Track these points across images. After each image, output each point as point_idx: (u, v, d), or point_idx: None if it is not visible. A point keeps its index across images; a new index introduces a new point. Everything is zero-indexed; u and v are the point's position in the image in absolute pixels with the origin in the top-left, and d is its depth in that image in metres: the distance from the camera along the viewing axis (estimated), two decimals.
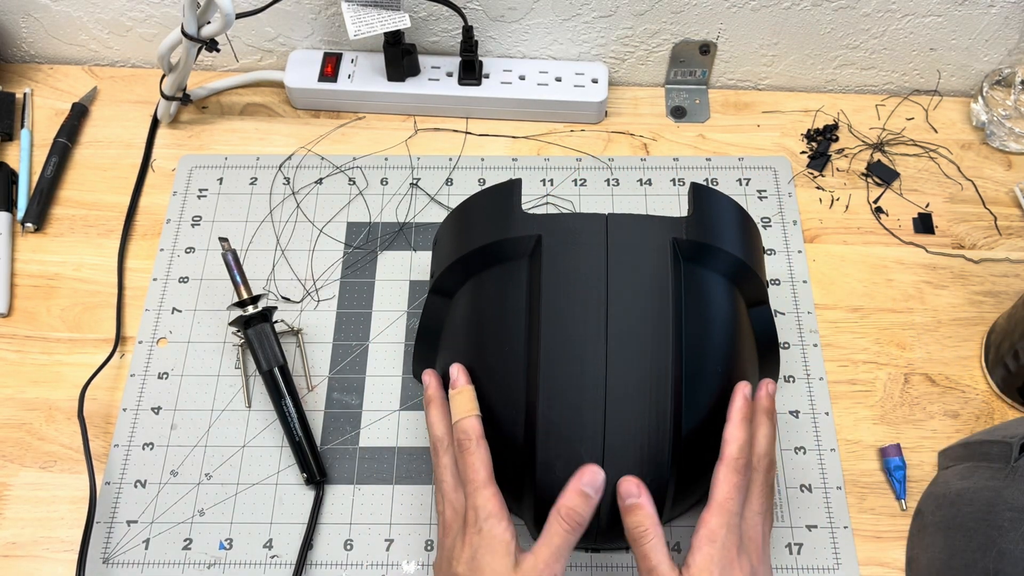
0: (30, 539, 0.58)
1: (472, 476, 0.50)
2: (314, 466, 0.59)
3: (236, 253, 0.61)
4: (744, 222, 0.58)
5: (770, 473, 0.51)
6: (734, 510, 0.48)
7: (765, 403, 0.53)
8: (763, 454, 0.51)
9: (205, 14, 0.66)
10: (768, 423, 0.52)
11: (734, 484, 0.49)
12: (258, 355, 0.60)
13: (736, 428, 0.51)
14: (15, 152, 0.75)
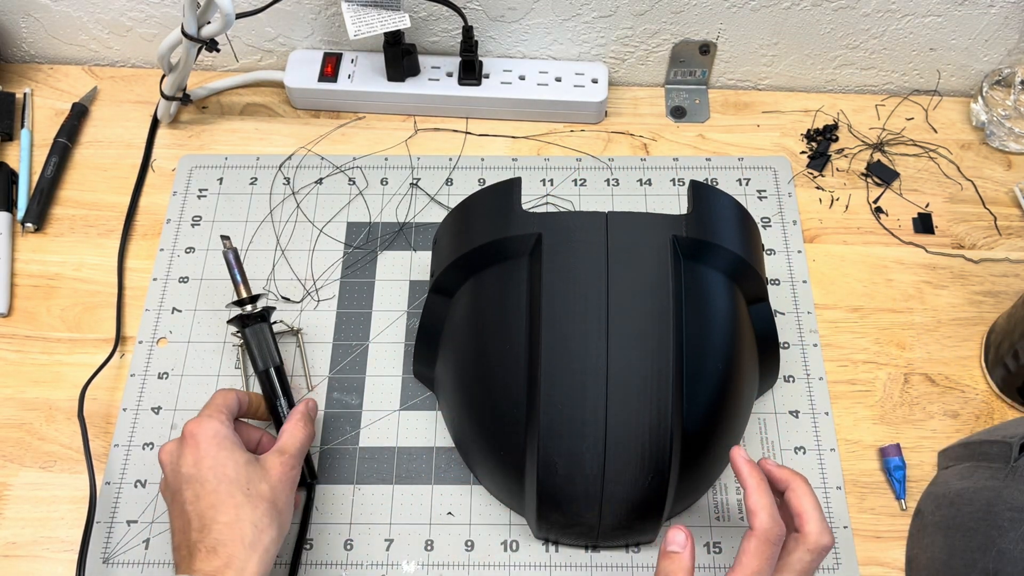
0: (30, 539, 0.58)
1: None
2: (304, 469, 0.59)
3: (237, 252, 0.61)
4: (743, 219, 0.58)
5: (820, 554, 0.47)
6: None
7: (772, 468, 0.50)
8: (818, 533, 0.47)
9: (205, 14, 0.66)
10: (804, 485, 0.49)
11: (766, 558, 0.46)
12: (254, 355, 0.60)
13: (757, 495, 0.47)
14: (15, 152, 0.75)
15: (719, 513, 0.59)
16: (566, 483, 0.52)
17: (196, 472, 0.50)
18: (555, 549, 0.58)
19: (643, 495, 0.52)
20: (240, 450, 0.51)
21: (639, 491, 0.52)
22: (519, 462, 0.54)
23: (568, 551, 0.58)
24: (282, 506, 0.51)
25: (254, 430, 0.57)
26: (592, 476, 0.51)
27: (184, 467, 0.50)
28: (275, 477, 0.51)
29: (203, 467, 0.50)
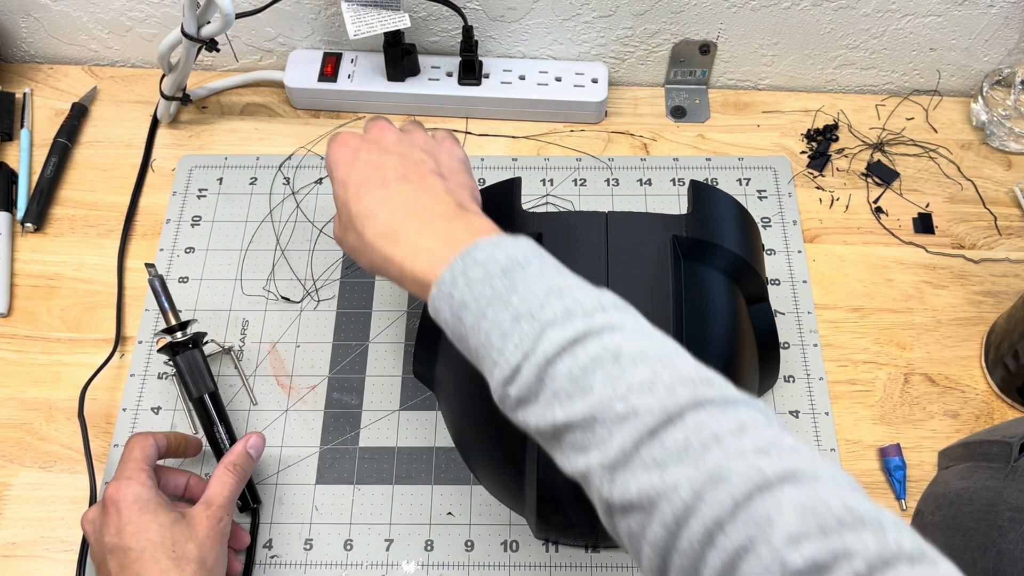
0: (30, 539, 0.58)
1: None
2: (248, 493, 0.58)
3: (163, 279, 0.60)
4: (743, 219, 0.58)
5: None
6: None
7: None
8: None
9: (205, 14, 0.66)
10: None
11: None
12: (187, 382, 0.59)
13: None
14: (15, 152, 0.75)
15: None
16: (566, 483, 0.52)
17: (119, 541, 0.49)
18: (555, 549, 0.58)
19: None
20: (164, 510, 0.50)
21: None
22: (519, 462, 0.54)
23: (568, 551, 0.58)
24: (212, 563, 0.50)
25: (179, 474, 0.57)
26: None
27: (107, 536, 0.50)
28: (202, 534, 0.51)
29: (125, 535, 0.49)
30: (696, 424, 0.36)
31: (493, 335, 0.40)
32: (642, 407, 0.37)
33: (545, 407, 0.39)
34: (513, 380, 0.40)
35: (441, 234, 0.44)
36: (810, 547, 0.32)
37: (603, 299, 0.40)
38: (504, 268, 0.41)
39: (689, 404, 0.36)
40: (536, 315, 0.40)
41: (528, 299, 0.40)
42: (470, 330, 0.42)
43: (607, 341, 0.39)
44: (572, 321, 0.39)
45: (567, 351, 0.38)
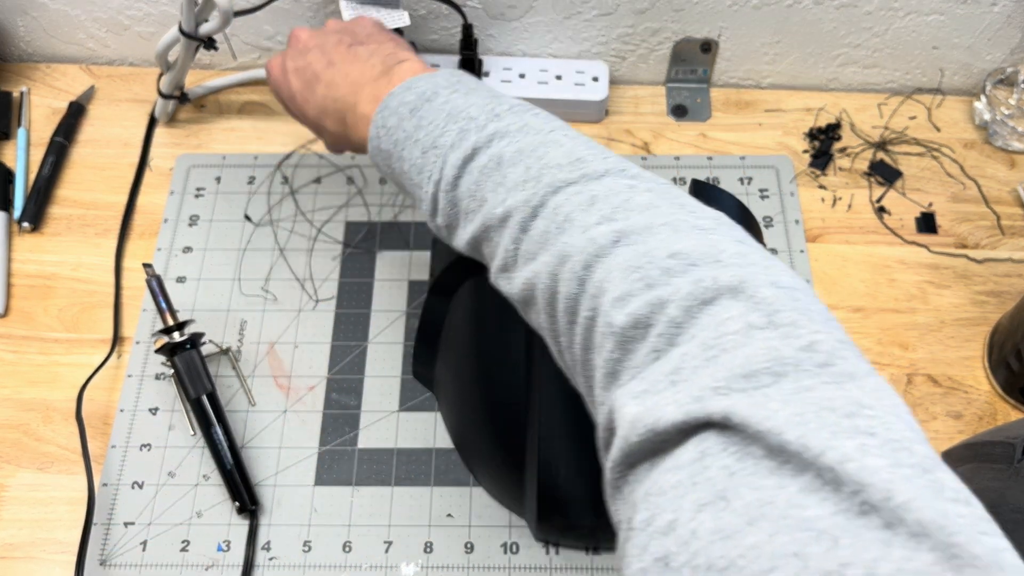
0: (27, 540, 0.58)
1: None
2: (246, 495, 0.58)
3: (160, 279, 0.60)
4: (745, 218, 0.57)
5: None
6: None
7: None
8: None
9: (203, 12, 0.65)
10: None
11: None
12: (185, 383, 0.59)
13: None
14: (12, 151, 0.75)
15: None
16: (566, 485, 0.51)
17: None
18: (555, 551, 0.57)
19: None
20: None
21: None
22: (519, 463, 0.54)
23: (568, 553, 0.57)
24: None
25: None
26: (592, 477, 0.51)
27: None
28: None
29: None
30: (554, 209, 0.37)
31: (411, 174, 0.43)
32: (514, 205, 0.38)
33: (463, 229, 0.41)
34: (436, 212, 0.42)
35: (370, 97, 0.46)
36: (634, 304, 0.32)
37: (499, 107, 0.42)
38: (412, 108, 0.43)
39: (548, 191, 0.38)
40: (437, 143, 0.42)
41: (431, 131, 0.42)
42: (399, 175, 0.44)
43: (493, 150, 0.40)
44: (466, 139, 0.41)
45: (464, 170, 0.41)
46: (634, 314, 0.32)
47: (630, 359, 0.32)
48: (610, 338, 0.33)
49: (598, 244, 0.35)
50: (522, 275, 0.38)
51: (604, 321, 0.33)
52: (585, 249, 0.35)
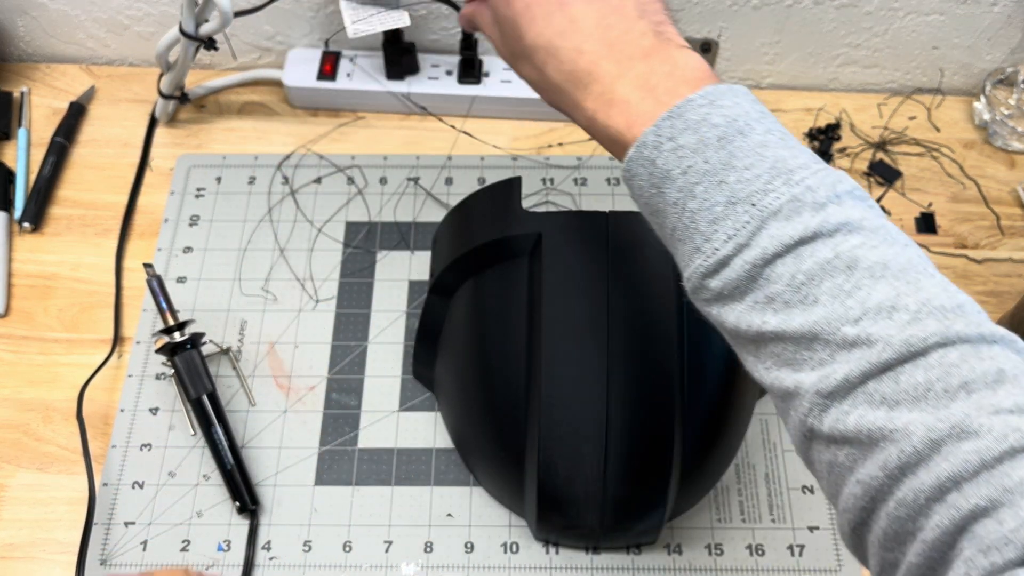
0: (27, 540, 0.58)
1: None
2: (246, 495, 0.58)
3: (161, 279, 0.60)
4: None
5: None
6: None
7: None
8: None
9: (203, 12, 0.65)
10: None
11: None
12: (185, 383, 0.59)
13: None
14: (12, 151, 0.75)
15: (720, 515, 0.59)
16: (566, 484, 0.51)
17: None
18: (555, 551, 0.57)
19: (644, 496, 0.52)
20: None
21: (640, 492, 0.52)
22: (519, 463, 0.54)
23: (568, 553, 0.57)
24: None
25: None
26: (593, 477, 0.51)
27: None
28: None
29: None
30: (942, 365, 0.31)
31: (700, 218, 0.35)
32: (878, 335, 0.31)
33: (752, 309, 0.34)
34: (717, 273, 0.35)
35: (640, 79, 0.37)
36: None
37: (839, 186, 0.34)
38: (721, 135, 0.35)
39: (936, 340, 0.31)
40: (757, 201, 0.34)
41: (748, 179, 0.34)
42: (671, 206, 0.36)
43: (841, 245, 0.33)
44: (800, 215, 0.33)
45: (791, 252, 0.33)
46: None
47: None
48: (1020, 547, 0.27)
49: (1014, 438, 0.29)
50: (864, 416, 0.31)
51: (1018, 524, 0.27)
52: (1004, 437, 0.29)
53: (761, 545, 0.57)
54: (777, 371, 0.34)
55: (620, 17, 0.38)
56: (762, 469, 0.60)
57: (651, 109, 0.36)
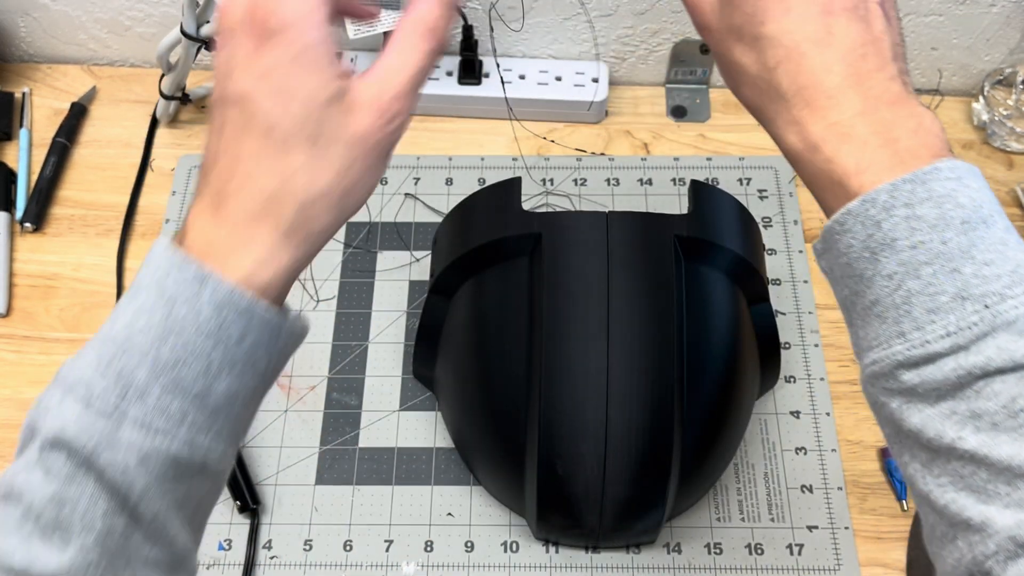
0: None
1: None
2: (247, 494, 0.58)
3: None
4: (744, 219, 0.58)
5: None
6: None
7: None
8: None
9: (204, 13, 0.65)
10: None
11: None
12: None
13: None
14: (14, 152, 0.75)
15: (719, 514, 0.59)
16: (566, 484, 0.52)
17: (250, 89, 0.31)
18: (555, 550, 0.58)
19: (643, 496, 0.52)
20: (326, 70, 0.32)
21: (639, 492, 0.52)
22: (519, 463, 0.54)
23: (568, 552, 0.58)
24: (354, 178, 0.33)
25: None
26: (592, 477, 0.51)
27: (239, 75, 0.32)
28: (359, 132, 0.33)
29: (261, 91, 0.31)
30: None
31: (917, 302, 0.31)
32: None
33: (947, 419, 0.30)
34: (918, 368, 0.31)
35: (882, 126, 0.32)
36: None
37: None
38: (966, 219, 0.30)
39: None
40: (992, 304, 0.29)
41: (986, 276, 0.30)
42: (883, 278, 0.31)
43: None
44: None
45: (1017, 372, 0.29)
46: None
47: None
48: None
49: None
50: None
51: None
52: None
53: (760, 544, 0.58)
54: (955, 493, 0.30)
55: (877, 50, 0.34)
56: (761, 468, 0.60)
57: (888, 163, 0.31)
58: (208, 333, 0.31)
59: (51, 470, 0.30)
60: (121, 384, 0.30)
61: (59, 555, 0.29)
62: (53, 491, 0.30)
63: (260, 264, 0.31)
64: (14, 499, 0.30)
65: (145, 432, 0.30)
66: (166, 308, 0.30)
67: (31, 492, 0.30)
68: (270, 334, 0.32)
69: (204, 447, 0.31)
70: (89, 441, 0.30)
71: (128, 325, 0.31)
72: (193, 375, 0.31)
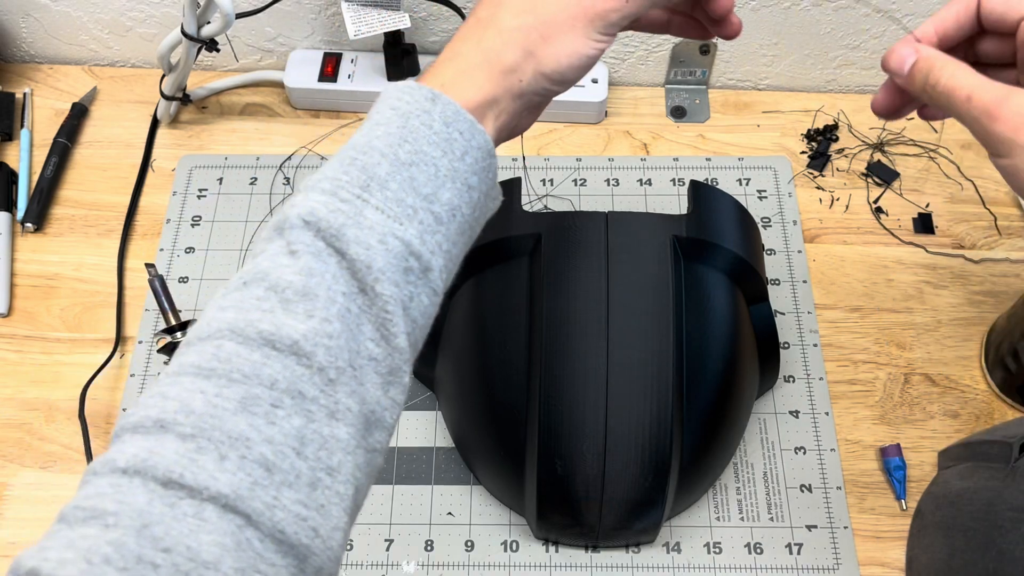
0: (30, 539, 0.58)
1: None
2: None
3: (163, 279, 0.60)
4: (743, 219, 0.58)
5: None
6: None
7: None
8: None
9: (205, 14, 0.66)
10: None
11: None
12: None
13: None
14: (15, 152, 0.75)
15: (719, 513, 0.59)
16: (566, 483, 0.52)
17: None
18: (555, 549, 0.58)
19: (643, 495, 0.52)
20: None
21: (639, 491, 0.52)
22: (519, 462, 0.54)
23: (568, 551, 0.58)
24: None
25: None
26: (592, 476, 0.51)
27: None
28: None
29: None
30: None
31: None
32: None
33: None
34: None
35: None
36: None
37: None
38: None
39: None
40: None
41: None
42: None
43: None
44: None
45: None
46: None
47: None
48: None
49: None
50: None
51: None
52: None
53: (759, 543, 0.58)
54: None
55: None
56: (760, 468, 0.60)
57: None
58: (437, 144, 0.35)
59: (298, 249, 0.33)
60: (365, 175, 0.35)
61: (305, 322, 0.32)
62: (301, 265, 0.33)
63: (477, 91, 0.37)
64: (258, 280, 0.33)
65: (385, 216, 0.34)
66: (401, 120, 0.36)
67: (277, 270, 0.33)
68: (484, 161, 0.37)
69: (431, 247, 0.35)
70: (336, 220, 0.33)
71: (367, 135, 0.36)
72: (424, 178, 0.35)
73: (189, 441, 0.30)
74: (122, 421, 0.32)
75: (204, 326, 0.33)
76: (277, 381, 0.31)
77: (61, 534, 0.28)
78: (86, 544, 0.27)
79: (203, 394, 0.31)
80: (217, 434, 0.30)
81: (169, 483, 0.29)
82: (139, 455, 0.29)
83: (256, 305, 0.32)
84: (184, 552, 0.28)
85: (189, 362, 0.32)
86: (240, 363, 0.31)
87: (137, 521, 0.28)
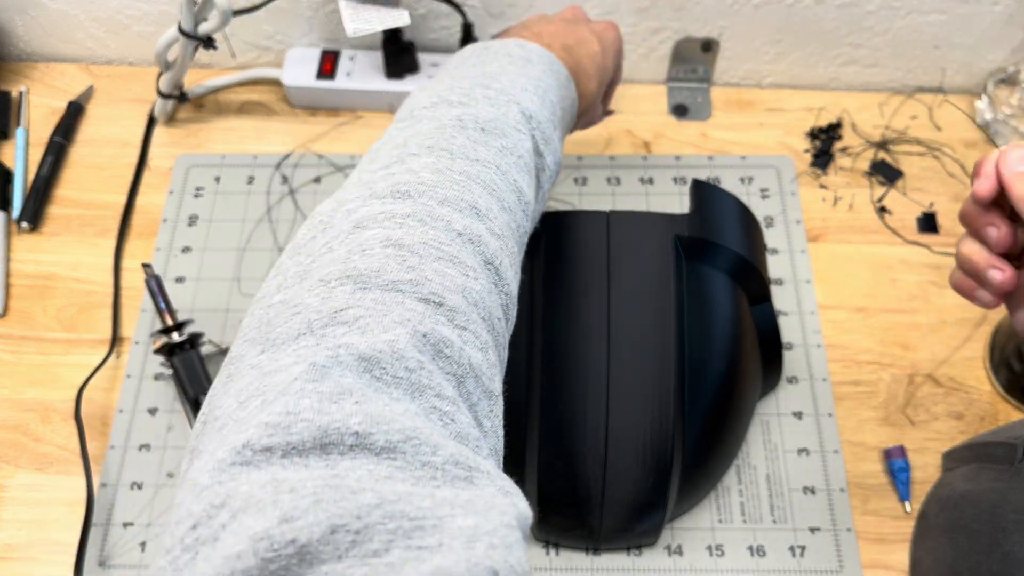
0: (26, 541, 0.58)
1: None
2: None
3: (160, 279, 0.60)
4: (746, 219, 0.57)
5: None
6: None
7: None
8: None
9: (202, 11, 0.65)
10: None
11: None
12: (184, 384, 0.59)
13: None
14: (11, 151, 0.74)
15: (721, 516, 0.58)
16: (567, 485, 0.51)
17: None
18: (555, 551, 0.57)
19: (644, 497, 0.52)
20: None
21: (640, 493, 0.52)
22: (519, 463, 0.54)
23: (569, 554, 0.57)
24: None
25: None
26: (593, 478, 0.50)
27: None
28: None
29: None
30: None
31: None
32: None
33: None
34: None
35: None
36: None
37: None
38: None
39: None
40: None
41: None
42: None
43: None
44: None
45: None
46: None
47: None
48: None
49: None
50: None
51: None
52: None
53: (762, 546, 0.57)
54: None
55: None
56: (763, 470, 0.60)
57: None
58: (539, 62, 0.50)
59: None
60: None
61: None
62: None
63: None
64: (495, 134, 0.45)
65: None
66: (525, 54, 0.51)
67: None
68: (566, 88, 0.52)
69: (572, 95, 0.52)
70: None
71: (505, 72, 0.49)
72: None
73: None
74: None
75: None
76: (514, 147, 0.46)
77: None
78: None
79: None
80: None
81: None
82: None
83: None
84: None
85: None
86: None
87: None
